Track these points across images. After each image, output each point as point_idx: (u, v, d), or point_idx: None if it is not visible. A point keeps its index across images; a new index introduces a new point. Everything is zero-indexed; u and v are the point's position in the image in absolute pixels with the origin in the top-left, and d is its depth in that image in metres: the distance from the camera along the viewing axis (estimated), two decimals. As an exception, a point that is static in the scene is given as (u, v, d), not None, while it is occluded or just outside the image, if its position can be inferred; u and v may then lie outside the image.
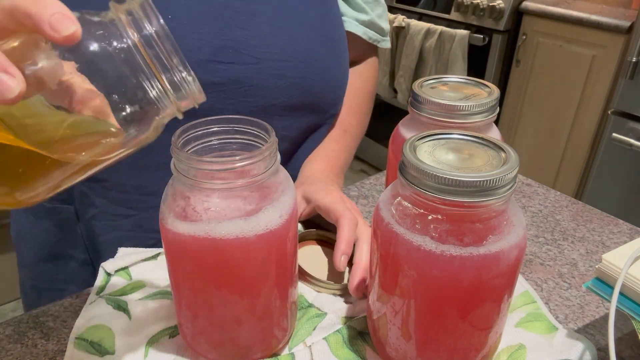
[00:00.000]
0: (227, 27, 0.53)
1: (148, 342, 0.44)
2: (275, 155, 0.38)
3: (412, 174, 0.34)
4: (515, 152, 0.35)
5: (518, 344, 0.44)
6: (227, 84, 0.54)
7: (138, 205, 0.59)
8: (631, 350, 0.46)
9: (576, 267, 0.57)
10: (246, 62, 0.54)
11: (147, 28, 0.29)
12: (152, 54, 0.30)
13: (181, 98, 0.32)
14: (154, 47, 0.30)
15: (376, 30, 0.72)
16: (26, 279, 0.70)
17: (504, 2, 1.83)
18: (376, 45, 0.74)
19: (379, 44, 0.74)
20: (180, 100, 0.32)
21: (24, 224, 0.67)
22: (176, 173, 0.36)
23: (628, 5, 1.86)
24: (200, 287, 0.39)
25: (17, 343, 0.45)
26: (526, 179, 0.75)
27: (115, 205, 0.59)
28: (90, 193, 0.59)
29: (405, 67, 2.15)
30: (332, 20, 0.63)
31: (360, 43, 0.71)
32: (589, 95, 1.74)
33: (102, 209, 0.60)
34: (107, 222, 0.60)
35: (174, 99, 0.31)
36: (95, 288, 0.50)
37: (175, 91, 0.31)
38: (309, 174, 0.62)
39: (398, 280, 0.37)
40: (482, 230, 0.34)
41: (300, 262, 0.53)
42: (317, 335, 0.46)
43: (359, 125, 0.72)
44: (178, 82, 0.31)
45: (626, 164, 1.60)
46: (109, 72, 0.30)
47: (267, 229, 0.37)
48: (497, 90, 0.47)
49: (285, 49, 0.57)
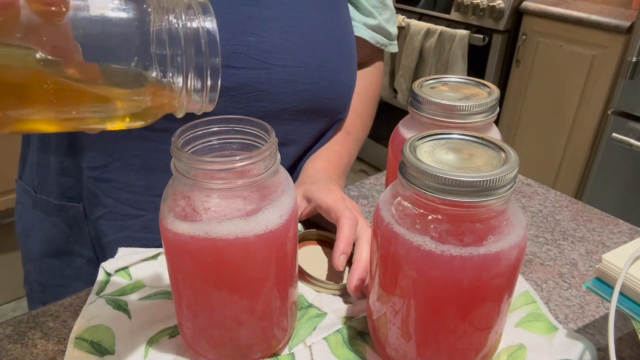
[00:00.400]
0: (239, 33, 0.54)
1: (148, 342, 0.44)
2: (275, 155, 0.38)
3: (412, 174, 0.34)
4: (515, 152, 0.35)
5: (518, 344, 0.44)
6: (237, 89, 0.54)
7: (147, 206, 0.59)
8: (631, 350, 0.46)
9: (576, 267, 0.57)
10: (257, 67, 0.55)
11: (202, 22, 0.30)
12: (195, 47, 0.30)
13: (195, 101, 0.32)
14: (201, 42, 0.30)
15: (384, 35, 0.73)
16: (31, 274, 0.70)
17: (504, 2, 1.83)
18: (383, 49, 0.74)
19: (386, 48, 0.74)
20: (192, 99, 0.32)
21: (30, 219, 0.67)
22: (176, 173, 0.36)
23: (628, 5, 1.86)
24: (200, 287, 0.39)
25: (17, 343, 0.45)
26: (526, 179, 0.75)
27: (124, 206, 0.60)
28: (100, 193, 0.60)
29: (405, 67, 2.15)
30: (342, 26, 0.64)
31: (367, 47, 0.72)
32: (589, 95, 1.74)
33: (110, 208, 0.60)
34: (116, 222, 0.61)
35: (190, 94, 0.31)
36: (95, 288, 0.50)
37: (196, 91, 0.31)
38: (310, 173, 0.62)
39: (398, 280, 0.37)
40: (482, 230, 0.34)
41: (300, 262, 0.53)
42: (317, 335, 0.46)
43: (363, 127, 0.72)
44: (203, 84, 0.31)
45: (626, 164, 1.60)
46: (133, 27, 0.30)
47: (267, 229, 0.37)
48: (497, 90, 0.47)
49: (297, 54, 0.57)
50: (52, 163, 0.62)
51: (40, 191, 0.65)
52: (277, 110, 0.58)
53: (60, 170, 0.62)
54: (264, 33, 0.55)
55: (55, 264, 0.66)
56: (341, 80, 0.63)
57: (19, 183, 0.69)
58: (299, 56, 0.57)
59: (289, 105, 0.58)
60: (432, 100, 0.44)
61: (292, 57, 0.57)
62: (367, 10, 0.70)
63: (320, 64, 0.59)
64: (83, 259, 0.65)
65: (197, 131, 0.38)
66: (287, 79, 0.57)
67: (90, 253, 0.64)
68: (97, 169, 0.58)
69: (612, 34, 1.63)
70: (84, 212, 0.62)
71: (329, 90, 0.61)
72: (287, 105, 0.58)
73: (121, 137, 0.56)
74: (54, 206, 0.64)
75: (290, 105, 0.58)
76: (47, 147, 0.62)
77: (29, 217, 0.67)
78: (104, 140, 0.57)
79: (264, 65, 0.55)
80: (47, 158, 0.63)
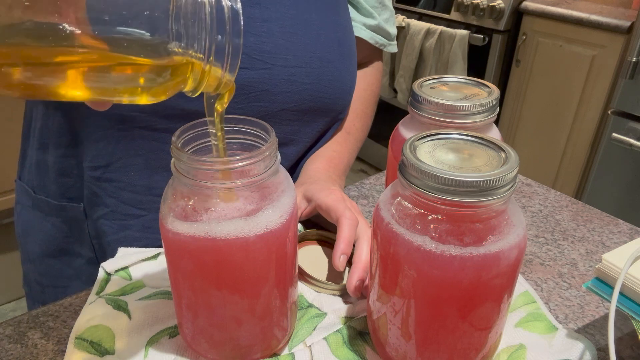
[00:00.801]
0: None
1: (148, 342, 0.44)
2: (275, 155, 0.38)
3: (412, 174, 0.34)
4: (515, 152, 0.35)
5: (518, 344, 0.44)
6: (239, 89, 0.55)
7: (148, 206, 0.60)
8: (631, 350, 0.46)
9: (576, 267, 0.57)
10: (258, 67, 0.55)
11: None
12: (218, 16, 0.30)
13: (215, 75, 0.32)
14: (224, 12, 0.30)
15: (383, 35, 0.73)
16: (31, 274, 0.70)
17: (504, 2, 1.83)
18: (382, 49, 0.75)
19: (385, 48, 0.75)
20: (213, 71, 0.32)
21: (30, 219, 0.67)
22: (176, 173, 0.36)
23: (628, 5, 1.86)
24: (200, 287, 0.39)
25: (17, 343, 0.45)
26: (526, 179, 0.75)
27: (125, 205, 0.60)
28: (101, 193, 0.60)
29: (405, 67, 2.15)
30: (343, 27, 0.64)
31: (367, 47, 0.72)
32: (589, 95, 1.74)
33: (112, 208, 0.60)
34: (117, 222, 0.61)
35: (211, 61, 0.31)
36: (95, 288, 0.50)
37: (217, 60, 0.31)
38: (310, 173, 0.62)
39: (398, 280, 0.37)
40: (482, 230, 0.34)
41: (300, 262, 0.53)
42: (317, 335, 0.46)
43: (363, 127, 0.73)
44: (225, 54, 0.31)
45: (626, 164, 1.59)
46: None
47: (267, 229, 0.37)
48: (497, 90, 0.47)
49: (298, 55, 0.57)
50: (50, 164, 0.62)
51: (40, 191, 0.65)
52: (278, 110, 0.58)
53: (60, 171, 0.62)
54: (265, 33, 0.55)
55: (54, 264, 0.66)
56: (342, 80, 0.63)
57: (18, 183, 0.69)
58: (299, 56, 0.58)
59: (289, 105, 0.59)
60: (432, 100, 0.44)
61: (293, 57, 0.57)
62: (367, 11, 0.70)
63: (320, 64, 0.59)
64: (83, 259, 0.65)
65: (197, 131, 0.38)
66: (288, 79, 0.57)
67: (90, 253, 0.64)
68: (99, 169, 0.58)
69: (612, 34, 1.63)
70: (84, 212, 0.62)
71: (329, 90, 0.61)
72: (288, 105, 0.58)
73: (123, 137, 0.56)
74: (54, 206, 0.64)
75: (291, 105, 0.59)
76: (45, 147, 0.62)
77: (28, 217, 0.67)
78: (106, 140, 0.57)
79: (265, 65, 0.55)
80: (45, 158, 0.63)
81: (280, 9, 0.57)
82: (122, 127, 0.56)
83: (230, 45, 0.32)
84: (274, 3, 0.56)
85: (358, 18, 0.70)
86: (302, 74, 0.58)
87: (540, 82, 1.87)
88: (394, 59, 2.22)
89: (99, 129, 0.57)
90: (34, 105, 0.64)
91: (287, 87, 0.57)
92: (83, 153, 0.59)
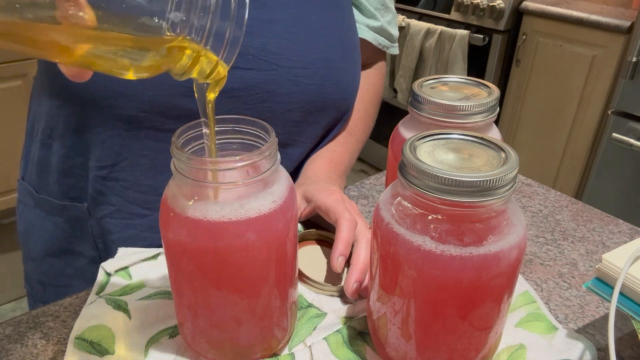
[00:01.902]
0: (246, 34, 0.54)
1: (148, 342, 0.44)
2: (275, 155, 0.37)
3: (412, 174, 0.34)
4: (515, 152, 0.35)
5: (518, 344, 0.44)
6: (244, 90, 0.55)
7: (153, 206, 0.60)
8: (631, 350, 0.46)
9: (576, 267, 0.57)
10: (264, 68, 0.55)
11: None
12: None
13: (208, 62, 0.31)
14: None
15: (386, 37, 0.73)
16: (32, 274, 0.70)
17: (504, 2, 1.83)
18: (385, 51, 0.75)
19: (388, 50, 0.75)
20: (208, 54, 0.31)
21: (32, 218, 0.67)
22: (176, 173, 0.36)
23: (628, 5, 1.86)
24: (200, 287, 0.39)
25: (17, 343, 0.45)
26: (526, 179, 0.75)
27: (131, 205, 0.60)
28: (107, 191, 0.60)
29: (405, 67, 2.15)
30: (347, 28, 0.64)
31: (370, 48, 0.72)
32: (589, 95, 1.74)
33: (118, 207, 0.60)
34: (122, 221, 0.61)
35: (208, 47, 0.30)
36: (95, 288, 0.50)
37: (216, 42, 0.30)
38: (310, 173, 0.62)
39: (398, 280, 0.37)
40: (482, 230, 0.34)
41: (299, 262, 0.53)
42: (317, 336, 0.46)
43: (364, 128, 0.73)
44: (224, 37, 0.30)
45: (626, 164, 1.60)
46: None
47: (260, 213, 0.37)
48: (497, 90, 0.47)
49: (302, 56, 0.58)
50: (53, 164, 0.62)
51: (42, 191, 0.65)
52: (283, 111, 0.58)
53: (62, 171, 0.62)
54: (270, 34, 0.56)
55: (56, 264, 0.66)
56: (346, 80, 0.64)
57: (20, 183, 0.69)
58: (304, 57, 0.58)
59: (294, 106, 0.59)
60: (432, 100, 0.44)
61: (297, 58, 0.57)
62: (370, 12, 0.70)
63: (325, 65, 0.60)
64: (85, 258, 0.65)
65: (197, 131, 0.38)
66: (293, 80, 0.57)
67: (93, 252, 0.64)
68: (105, 168, 0.59)
69: (612, 34, 1.63)
70: (87, 212, 0.62)
71: (334, 90, 0.62)
72: (293, 106, 0.59)
73: (129, 138, 0.56)
74: (56, 206, 0.64)
75: (296, 105, 0.59)
76: (48, 147, 0.62)
77: (30, 217, 0.67)
78: (113, 140, 0.57)
79: (270, 66, 0.56)
80: (49, 158, 0.63)
81: (285, 10, 0.57)
82: (128, 127, 0.56)
83: (231, 33, 0.31)
84: (278, 4, 0.56)
85: (361, 19, 0.70)
86: (307, 75, 0.58)
87: (541, 82, 1.87)
88: (394, 59, 2.22)
89: (105, 130, 0.57)
90: (38, 105, 0.64)
91: (291, 87, 0.58)
92: (89, 153, 0.59)
